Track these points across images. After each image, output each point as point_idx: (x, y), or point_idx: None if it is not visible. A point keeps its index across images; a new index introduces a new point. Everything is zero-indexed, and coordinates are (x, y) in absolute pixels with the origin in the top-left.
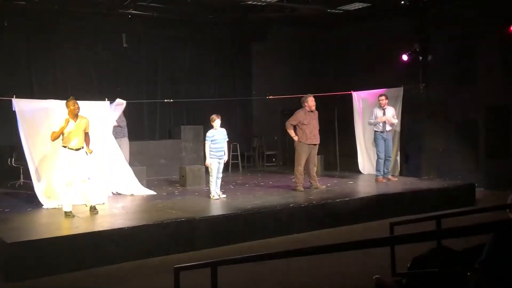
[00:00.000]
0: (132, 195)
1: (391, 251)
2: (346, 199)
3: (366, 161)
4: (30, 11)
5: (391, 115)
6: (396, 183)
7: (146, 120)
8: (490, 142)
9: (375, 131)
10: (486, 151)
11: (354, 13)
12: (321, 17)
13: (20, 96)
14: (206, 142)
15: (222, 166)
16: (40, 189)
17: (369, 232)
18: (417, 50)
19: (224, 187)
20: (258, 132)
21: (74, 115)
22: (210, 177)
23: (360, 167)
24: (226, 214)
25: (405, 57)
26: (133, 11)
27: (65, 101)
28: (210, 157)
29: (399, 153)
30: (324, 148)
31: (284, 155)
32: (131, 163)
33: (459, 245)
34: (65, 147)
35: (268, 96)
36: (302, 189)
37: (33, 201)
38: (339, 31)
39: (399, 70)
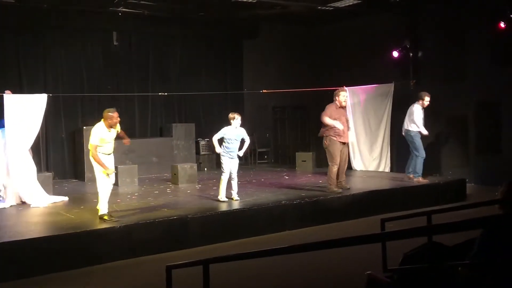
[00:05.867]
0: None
1: (382, 247)
2: (338, 195)
3: (358, 157)
4: (19, 10)
5: None
6: (387, 179)
7: (137, 118)
8: (480, 138)
9: (416, 131)
10: (477, 147)
11: (345, 10)
12: (312, 14)
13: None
14: (215, 135)
15: (236, 167)
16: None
17: (361, 228)
18: (408, 46)
19: (215, 185)
20: (250, 130)
21: (111, 126)
22: (221, 175)
23: (352, 164)
24: (218, 211)
25: (395, 54)
26: (124, 9)
27: (108, 112)
28: (222, 155)
29: (389, 149)
30: (316, 144)
31: (276, 153)
32: (122, 161)
33: (450, 240)
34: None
35: (261, 90)
36: (338, 189)
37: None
38: (330, 28)
39: (389, 66)
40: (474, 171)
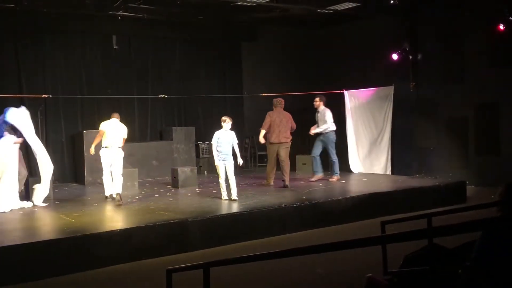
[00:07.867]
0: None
1: (382, 249)
2: (338, 198)
3: (357, 160)
4: (19, 13)
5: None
6: (387, 182)
7: (137, 121)
8: (479, 140)
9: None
10: (476, 149)
11: (344, 13)
12: (311, 17)
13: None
14: (212, 145)
15: (229, 169)
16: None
17: (361, 231)
18: (407, 49)
19: (216, 188)
20: (249, 133)
21: None
22: (219, 179)
23: (351, 167)
24: (219, 215)
25: (395, 56)
26: (123, 13)
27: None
28: (218, 159)
29: (390, 151)
30: None
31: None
32: (122, 165)
33: (450, 242)
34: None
35: (261, 94)
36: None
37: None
38: (329, 31)
39: (389, 69)
40: (474, 173)
